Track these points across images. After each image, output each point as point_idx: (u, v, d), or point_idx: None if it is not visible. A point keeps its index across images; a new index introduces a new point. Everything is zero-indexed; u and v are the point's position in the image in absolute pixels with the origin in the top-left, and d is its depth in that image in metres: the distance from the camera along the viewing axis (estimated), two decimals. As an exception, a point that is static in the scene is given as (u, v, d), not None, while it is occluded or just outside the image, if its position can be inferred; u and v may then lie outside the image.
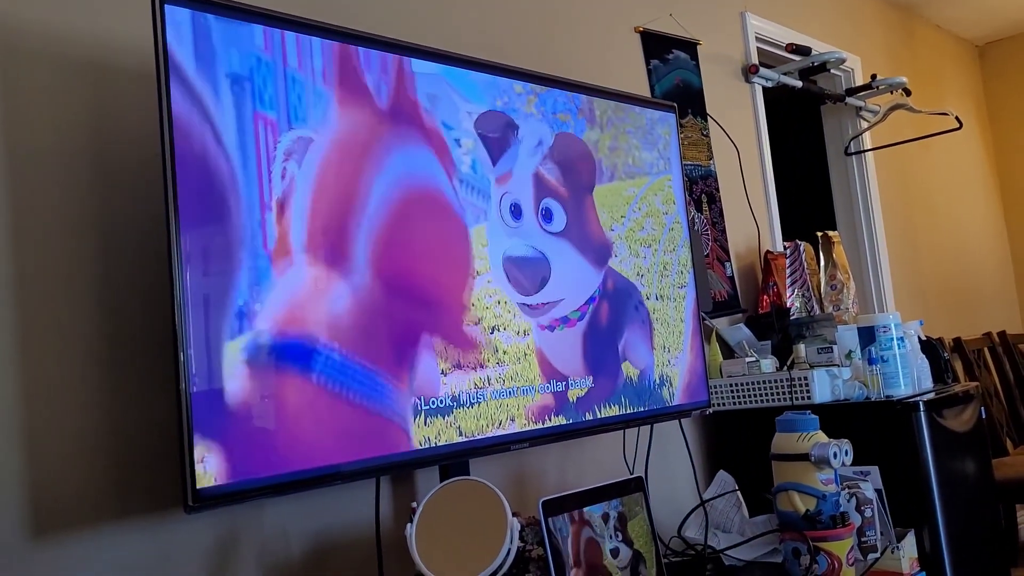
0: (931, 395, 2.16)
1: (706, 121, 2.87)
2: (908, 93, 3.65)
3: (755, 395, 2.34)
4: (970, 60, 5.11)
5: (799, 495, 1.69)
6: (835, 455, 1.68)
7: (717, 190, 2.85)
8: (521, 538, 1.54)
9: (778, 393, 2.28)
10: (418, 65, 1.60)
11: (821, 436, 1.72)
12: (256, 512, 1.56)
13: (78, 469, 1.37)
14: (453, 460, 1.57)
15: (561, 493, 1.61)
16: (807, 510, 1.68)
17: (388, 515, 1.75)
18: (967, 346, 3.78)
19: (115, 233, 1.46)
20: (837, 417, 2.14)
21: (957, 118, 3.70)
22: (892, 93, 3.70)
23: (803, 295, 2.80)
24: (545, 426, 1.70)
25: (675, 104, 2.20)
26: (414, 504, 1.42)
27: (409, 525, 1.37)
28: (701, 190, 2.77)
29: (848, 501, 1.77)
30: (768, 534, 1.84)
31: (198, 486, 1.21)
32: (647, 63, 2.72)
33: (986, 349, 3.93)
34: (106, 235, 1.45)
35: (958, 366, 3.73)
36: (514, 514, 1.43)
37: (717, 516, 2.00)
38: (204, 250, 1.27)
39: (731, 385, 2.39)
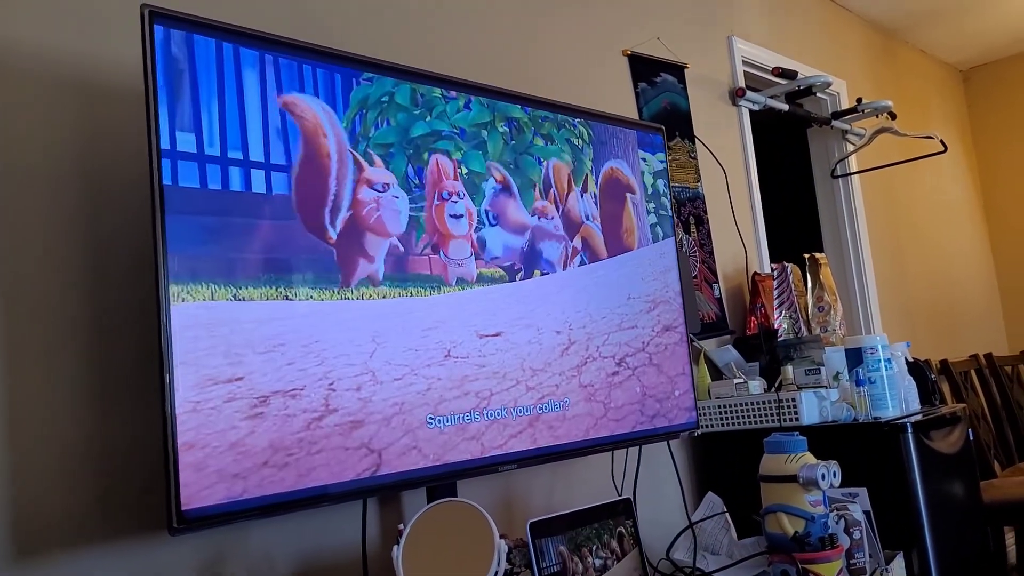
0: (919, 417, 2.17)
1: (694, 143, 2.89)
2: (893, 117, 3.68)
3: (743, 416, 2.34)
4: (954, 85, 5.17)
5: (787, 517, 1.69)
6: (823, 476, 1.68)
7: (705, 212, 2.86)
8: (509, 560, 1.53)
9: (766, 414, 2.28)
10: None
11: (809, 457, 1.72)
12: (242, 534, 1.54)
13: (63, 489, 1.36)
14: (440, 482, 1.56)
15: (549, 515, 1.60)
16: (795, 532, 1.68)
17: (375, 537, 1.74)
18: (954, 368, 3.79)
19: (104, 251, 1.46)
20: (825, 439, 2.14)
21: (942, 141, 3.73)
22: (877, 117, 3.74)
23: (791, 316, 2.80)
24: (533, 447, 1.69)
25: (663, 127, 2.22)
26: (401, 526, 1.41)
27: (396, 547, 1.36)
28: (689, 212, 2.79)
29: (837, 523, 1.77)
30: (757, 556, 1.83)
31: (183, 508, 1.20)
32: (635, 86, 2.74)
33: (973, 371, 3.95)
34: (95, 253, 1.45)
35: (945, 388, 3.74)
36: (502, 536, 1.42)
37: (706, 538, 1.99)
38: (193, 271, 1.27)
39: (719, 406, 2.38)
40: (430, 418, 1.53)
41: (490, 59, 2.27)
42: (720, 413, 2.38)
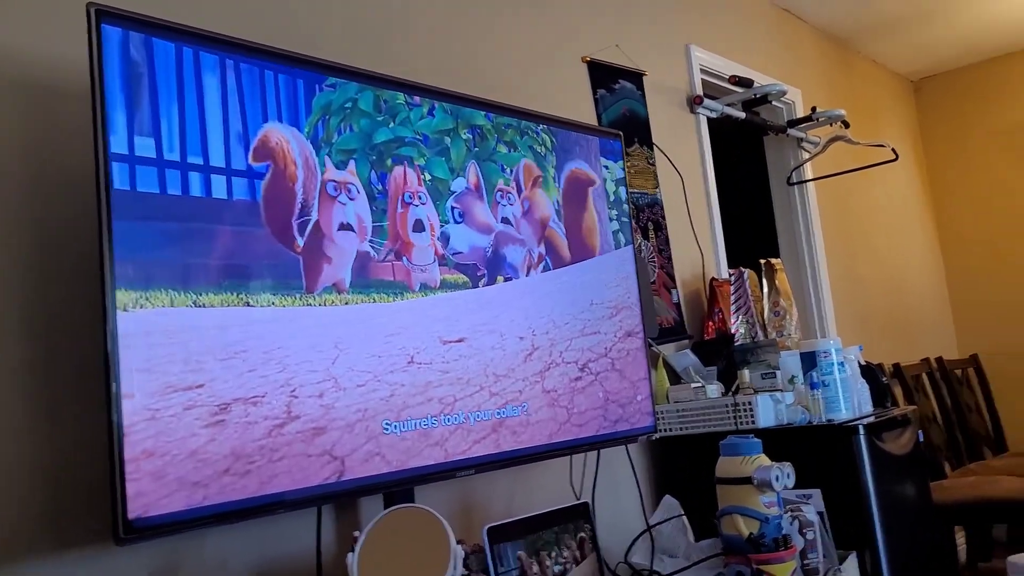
0: (871, 419, 2.21)
1: (652, 150, 2.92)
2: (847, 125, 3.75)
3: (701, 420, 2.36)
4: (906, 95, 5.28)
5: (743, 518, 1.71)
6: (777, 478, 1.70)
7: (663, 218, 2.89)
8: (466, 565, 1.53)
9: (723, 418, 2.31)
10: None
11: (764, 459, 1.75)
12: (196, 543, 1.52)
13: (9, 500, 1.33)
14: (398, 488, 1.56)
15: (506, 520, 1.61)
16: (751, 533, 1.70)
17: (331, 544, 1.73)
18: (906, 371, 3.88)
19: (49, 255, 1.43)
20: (780, 441, 2.17)
21: (893, 150, 3.81)
22: (832, 125, 3.80)
23: (747, 321, 2.84)
24: (491, 452, 1.70)
25: (621, 133, 2.24)
26: (356, 533, 1.40)
27: (351, 554, 1.36)
28: (647, 218, 2.81)
29: (791, 524, 1.80)
30: (713, 558, 1.86)
31: (129, 516, 1.18)
32: (594, 92, 2.76)
33: (924, 374, 4.03)
34: (40, 257, 1.42)
35: (897, 391, 3.81)
36: (459, 541, 1.42)
37: (663, 541, 2.01)
38: (150, 276, 1.25)
39: (678, 411, 2.41)
40: (393, 424, 1.53)
41: (449, 64, 2.27)
42: (678, 417, 2.41)
